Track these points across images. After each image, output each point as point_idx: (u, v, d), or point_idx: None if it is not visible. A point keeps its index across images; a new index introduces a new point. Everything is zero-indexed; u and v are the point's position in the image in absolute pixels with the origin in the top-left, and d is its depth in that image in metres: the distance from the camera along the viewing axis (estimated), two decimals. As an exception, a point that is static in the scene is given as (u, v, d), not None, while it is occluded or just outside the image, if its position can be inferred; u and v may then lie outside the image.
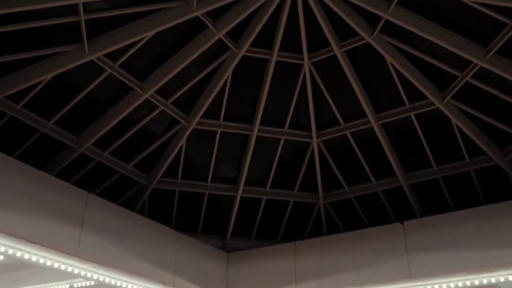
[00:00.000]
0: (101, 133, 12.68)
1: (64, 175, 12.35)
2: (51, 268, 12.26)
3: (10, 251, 10.67)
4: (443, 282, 12.50)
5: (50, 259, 11.20)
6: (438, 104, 12.55)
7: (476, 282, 12.23)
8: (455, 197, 13.97)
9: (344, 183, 15.30)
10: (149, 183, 14.62)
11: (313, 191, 15.69)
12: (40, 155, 12.44)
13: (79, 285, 14.86)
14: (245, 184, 15.25)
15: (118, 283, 12.86)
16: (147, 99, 12.62)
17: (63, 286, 15.34)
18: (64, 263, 11.49)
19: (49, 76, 11.18)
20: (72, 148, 12.70)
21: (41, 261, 11.24)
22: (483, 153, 13.04)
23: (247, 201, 15.75)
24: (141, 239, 12.57)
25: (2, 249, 10.54)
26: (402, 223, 12.95)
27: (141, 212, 14.57)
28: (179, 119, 13.56)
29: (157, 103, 12.91)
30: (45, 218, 10.44)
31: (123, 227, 12.21)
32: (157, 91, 12.66)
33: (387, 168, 14.27)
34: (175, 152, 14.18)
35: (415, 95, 12.79)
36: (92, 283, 14.11)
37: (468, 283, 12.33)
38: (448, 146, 13.51)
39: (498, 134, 12.65)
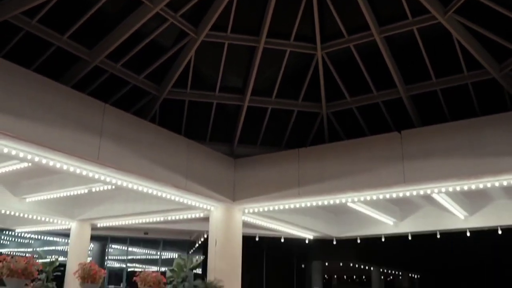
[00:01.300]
0: (114, 46, 13.14)
1: (79, 87, 12.97)
2: (71, 174, 13.25)
3: (36, 159, 11.60)
4: (435, 187, 13.50)
5: (73, 165, 12.15)
6: (440, 18, 12.84)
7: (465, 188, 13.21)
8: (452, 109, 14.64)
9: (346, 94, 15.91)
10: (160, 94, 15.26)
11: (316, 101, 16.34)
12: (56, 68, 12.99)
13: (97, 189, 16.05)
14: (251, 94, 15.88)
15: (135, 187, 13.94)
16: (157, 13, 12.91)
17: (83, 191, 16.53)
18: (86, 169, 12.46)
19: (61, -10, 11.49)
20: (86, 61, 13.22)
21: (65, 167, 12.19)
22: (481, 66, 13.51)
23: (253, 110, 16.48)
24: (155, 146, 13.39)
25: (29, 156, 11.45)
26: (400, 132, 13.61)
27: (152, 121, 15.31)
28: (188, 31, 13.92)
29: (166, 16, 13.23)
30: (67, 128, 11.17)
31: (139, 135, 12.98)
32: (167, 5, 12.91)
33: (388, 79, 14.80)
34: (184, 63, 14.68)
35: (418, 9, 13.03)
36: (110, 187, 15.25)
37: (458, 188, 13.34)
38: (447, 60, 13.96)
39: (496, 48, 13.04)
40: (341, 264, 43.85)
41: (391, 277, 55.99)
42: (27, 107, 10.44)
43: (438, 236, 20.35)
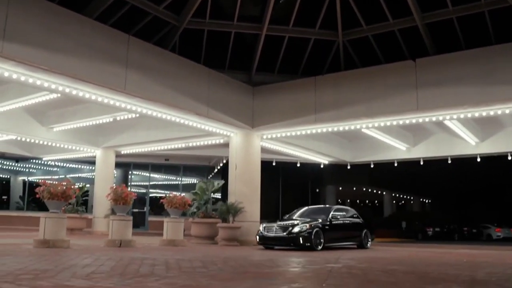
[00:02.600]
0: (134, -23, 13.36)
1: (102, 19, 13.26)
2: (97, 104, 13.89)
3: (67, 90, 12.24)
4: (447, 114, 14.01)
5: (101, 95, 12.80)
6: None
7: (476, 114, 13.70)
8: (467, 37, 14.80)
9: (362, 21, 16.07)
10: (180, 24, 15.56)
11: (333, 29, 16.56)
12: (78, 1, 13.29)
13: (122, 117, 16.76)
14: (269, 23, 16.10)
15: (159, 115, 14.62)
16: None
17: (107, 119, 17.26)
18: (113, 99, 13.11)
19: None
20: (107, -8, 13.49)
21: (93, 97, 12.84)
22: (498, -7, 13.54)
23: (271, 39, 16.77)
24: (178, 75, 13.95)
25: (60, 88, 12.09)
26: (414, 60, 13.94)
27: (172, 51, 15.71)
28: (206, -39, 14.02)
29: None
30: (95, 60, 11.71)
31: (162, 65, 13.52)
32: None
33: (404, 7, 14.89)
34: (203, -7, 14.88)
35: None
36: (134, 115, 15.93)
37: (469, 115, 13.84)
38: (464, -14, 14.00)
39: (514, -25, 13.03)
40: (354, 189, 45.07)
41: (403, 202, 57.47)
42: (58, 41, 10.94)
43: (449, 162, 21.02)
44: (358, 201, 55.14)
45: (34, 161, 28.19)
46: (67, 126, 19.11)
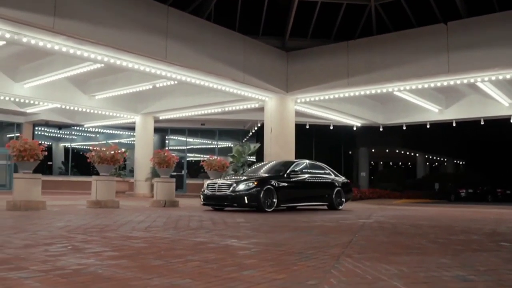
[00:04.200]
0: None
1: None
2: (135, 72, 14.59)
3: (112, 60, 12.96)
4: (479, 76, 14.23)
5: (143, 65, 13.49)
6: None
7: (508, 76, 13.89)
8: (500, -1, 14.84)
9: (395, -15, 16.20)
10: (215, -8, 16.00)
11: (365, -7, 16.73)
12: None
13: (160, 85, 17.49)
14: (302, -11, 16.40)
15: (197, 82, 15.28)
16: None
17: (147, 87, 18.02)
18: (155, 68, 13.80)
19: None
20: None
21: (135, 66, 13.54)
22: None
23: (304, 4, 17.03)
24: (215, 43, 14.51)
25: (105, 59, 12.82)
26: (446, 23, 14.11)
27: (208, 19, 16.14)
28: None
29: None
30: (137, 31, 12.36)
31: (200, 34, 14.09)
32: None
33: (436, -30, 14.97)
34: (237, -39, 15.20)
35: None
36: (172, 82, 16.62)
37: (500, 77, 14.03)
38: None
39: None
40: (387, 151, 45.18)
41: (436, 163, 57.28)
42: (103, 14, 11.60)
43: (482, 123, 21.15)
44: (391, 163, 55.25)
45: (75, 128, 29.33)
46: (108, 94, 19.99)
